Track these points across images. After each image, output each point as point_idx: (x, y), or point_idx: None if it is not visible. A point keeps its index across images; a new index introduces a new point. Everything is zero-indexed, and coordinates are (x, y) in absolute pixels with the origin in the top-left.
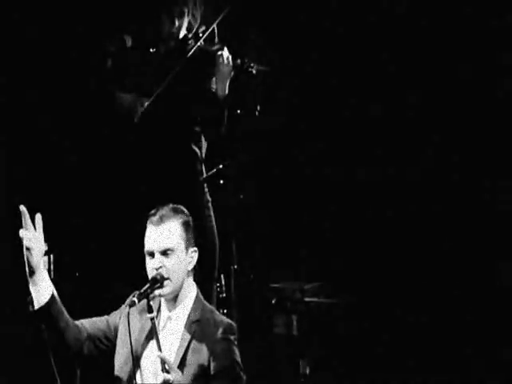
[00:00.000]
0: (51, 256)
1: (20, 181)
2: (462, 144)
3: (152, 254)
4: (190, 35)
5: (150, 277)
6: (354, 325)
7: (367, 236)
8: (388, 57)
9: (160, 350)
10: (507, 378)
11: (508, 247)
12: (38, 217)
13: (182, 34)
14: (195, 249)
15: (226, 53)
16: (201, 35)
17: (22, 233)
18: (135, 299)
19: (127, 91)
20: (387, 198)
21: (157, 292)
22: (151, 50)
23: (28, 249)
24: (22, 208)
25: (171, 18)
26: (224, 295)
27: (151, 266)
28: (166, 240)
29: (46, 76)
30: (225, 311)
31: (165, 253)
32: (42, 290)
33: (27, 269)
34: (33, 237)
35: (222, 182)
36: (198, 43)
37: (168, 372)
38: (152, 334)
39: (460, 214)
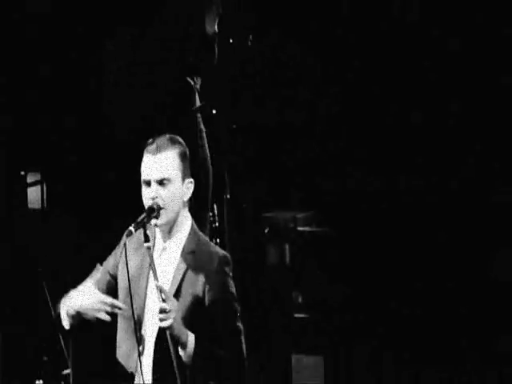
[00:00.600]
0: (44, 186)
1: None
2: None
3: (148, 183)
4: None
5: (146, 206)
6: (347, 254)
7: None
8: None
9: (156, 279)
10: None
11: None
12: None
13: None
14: (191, 180)
15: None
16: None
17: None
18: (132, 228)
19: None
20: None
21: (153, 222)
22: None
23: None
24: None
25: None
26: (217, 225)
27: (147, 196)
28: (163, 169)
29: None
30: (217, 241)
31: (161, 182)
32: None
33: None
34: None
35: (214, 111)
36: None
37: (164, 301)
38: (149, 264)
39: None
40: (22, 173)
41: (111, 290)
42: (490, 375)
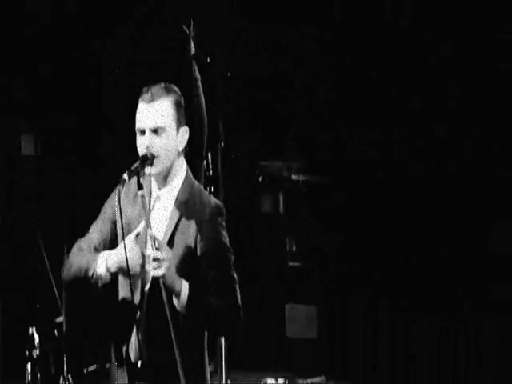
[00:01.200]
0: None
1: None
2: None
3: (143, 132)
4: None
5: (140, 154)
6: (342, 203)
7: None
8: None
9: (150, 227)
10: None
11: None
12: None
13: None
14: (186, 128)
15: None
16: None
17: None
18: (126, 177)
19: None
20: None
21: (146, 170)
22: None
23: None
24: None
25: None
26: (211, 173)
27: (141, 144)
28: (158, 118)
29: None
30: (211, 189)
31: (156, 131)
32: None
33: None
34: None
35: (209, 59)
36: None
37: (158, 249)
38: (142, 212)
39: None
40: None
41: (115, 237)
42: (487, 324)
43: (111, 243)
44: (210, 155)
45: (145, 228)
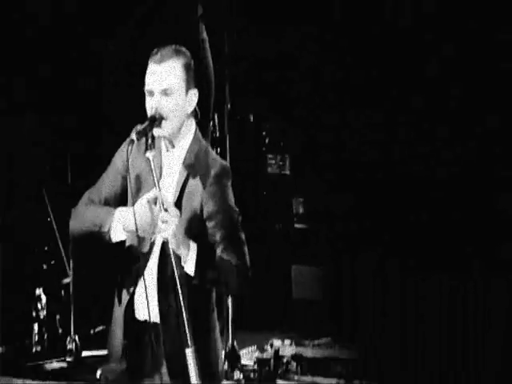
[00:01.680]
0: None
1: None
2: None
3: (152, 93)
4: None
5: (148, 115)
6: (349, 162)
7: None
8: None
9: (158, 188)
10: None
11: None
12: None
13: None
14: (195, 91)
15: None
16: None
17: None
18: (134, 137)
19: None
20: None
21: (155, 132)
22: None
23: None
24: None
25: None
26: (217, 134)
27: (150, 105)
28: (166, 79)
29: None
30: (218, 150)
31: (164, 92)
32: None
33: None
34: None
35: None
36: None
37: (166, 210)
38: (150, 173)
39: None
40: None
41: (126, 192)
42: (496, 282)
43: (121, 197)
44: (216, 117)
45: (155, 191)
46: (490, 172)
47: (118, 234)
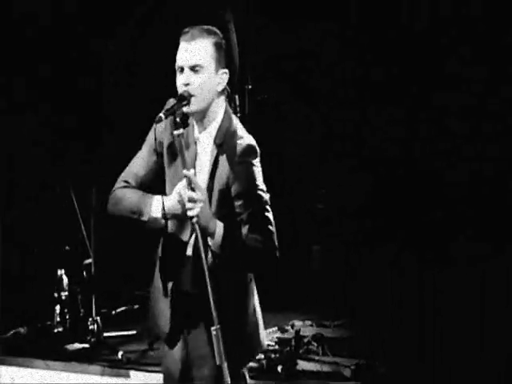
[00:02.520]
0: None
1: None
2: None
3: (182, 70)
4: None
5: (178, 92)
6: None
7: None
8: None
9: (186, 167)
10: None
11: None
12: None
13: None
14: (226, 71)
15: None
16: None
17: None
18: (162, 115)
19: None
20: None
21: (184, 109)
22: None
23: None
24: None
25: None
26: (238, 115)
27: (180, 82)
28: (196, 56)
29: None
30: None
31: (194, 69)
32: None
33: None
34: None
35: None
36: None
37: (193, 190)
38: (179, 152)
39: None
40: None
41: (161, 167)
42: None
43: (156, 173)
44: (237, 97)
45: (185, 171)
46: (510, 169)
47: (158, 221)
